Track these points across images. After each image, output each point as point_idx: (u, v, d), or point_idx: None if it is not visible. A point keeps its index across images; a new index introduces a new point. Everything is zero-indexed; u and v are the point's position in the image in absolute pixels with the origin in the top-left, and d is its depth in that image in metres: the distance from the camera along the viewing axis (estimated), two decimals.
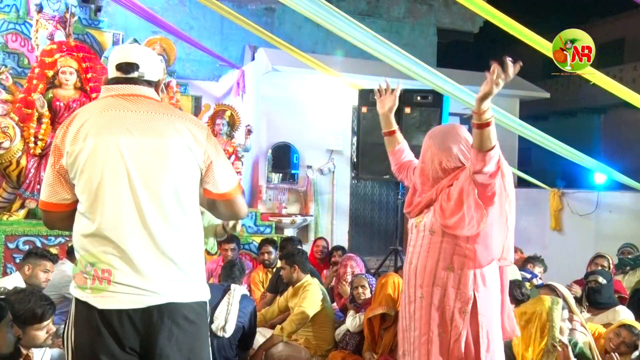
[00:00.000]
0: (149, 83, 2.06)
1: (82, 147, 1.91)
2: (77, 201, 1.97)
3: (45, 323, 2.86)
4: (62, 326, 3.03)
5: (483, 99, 2.22)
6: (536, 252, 5.91)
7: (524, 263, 5.42)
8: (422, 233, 2.62)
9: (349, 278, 4.66)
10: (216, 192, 2.06)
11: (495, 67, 2.20)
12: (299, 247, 5.58)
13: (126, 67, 2.02)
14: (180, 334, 1.93)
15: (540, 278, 5.20)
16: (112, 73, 2.05)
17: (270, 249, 5.39)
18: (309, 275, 4.44)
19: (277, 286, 4.89)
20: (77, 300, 1.94)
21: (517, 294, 3.89)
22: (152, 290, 1.90)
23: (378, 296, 3.91)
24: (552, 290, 3.77)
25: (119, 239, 1.90)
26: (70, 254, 4.78)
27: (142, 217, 1.91)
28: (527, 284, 4.27)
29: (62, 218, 2.02)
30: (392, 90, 3.00)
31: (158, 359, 1.91)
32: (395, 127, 3.07)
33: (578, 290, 4.47)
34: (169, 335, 1.91)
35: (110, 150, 1.91)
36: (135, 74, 2.02)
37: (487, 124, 2.24)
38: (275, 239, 5.83)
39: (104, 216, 1.90)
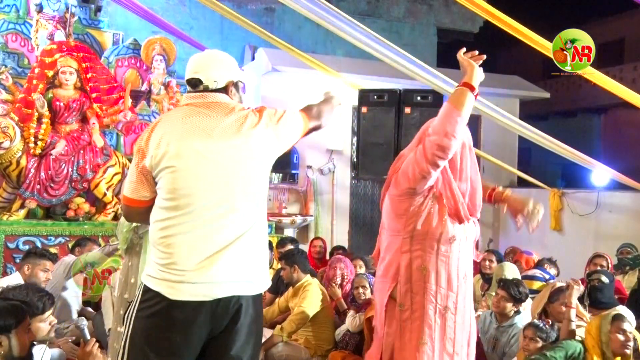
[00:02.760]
0: (218, 90, 2.22)
1: (165, 151, 2.10)
2: (154, 198, 2.17)
3: (46, 315, 2.90)
4: (62, 324, 3.03)
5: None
6: (536, 252, 5.92)
7: (539, 263, 5.41)
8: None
9: (339, 280, 4.67)
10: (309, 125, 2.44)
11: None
12: (294, 246, 5.60)
13: (192, 82, 2.23)
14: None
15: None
16: (188, 86, 2.27)
17: None
18: (309, 275, 4.45)
19: (277, 287, 4.89)
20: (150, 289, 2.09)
21: (515, 292, 3.90)
22: (232, 280, 2.08)
23: None
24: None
25: (203, 235, 2.07)
26: (72, 248, 4.82)
27: (225, 215, 2.09)
28: (540, 284, 4.26)
29: (140, 212, 2.24)
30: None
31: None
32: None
33: (581, 287, 4.47)
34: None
35: (192, 153, 2.09)
36: (201, 87, 2.22)
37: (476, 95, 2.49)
38: (271, 239, 5.83)
39: (188, 214, 2.08)
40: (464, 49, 2.54)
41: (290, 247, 5.52)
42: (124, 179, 5.16)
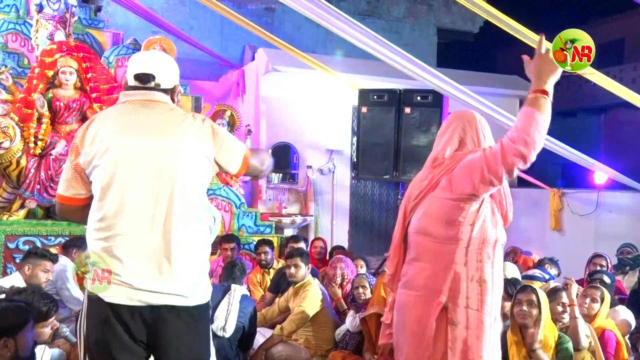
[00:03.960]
0: (164, 90, 2.19)
1: (98, 147, 2.06)
2: (91, 197, 2.11)
3: (50, 320, 2.92)
4: (62, 325, 3.04)
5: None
6: (536, 252, 5.91)
7: (539, 262, 5.40)
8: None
9: (339, 280, 4.67)
10: (234, 173, 2.26)
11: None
12: (306, 245, 5.63)
13: (143, 77, 2.15)
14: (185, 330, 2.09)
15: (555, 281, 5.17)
16: (131, 81, 2.17)
17: (267, 249, 5.39)
18: (310, 275, 4.46)
19: (279, 285, 4.89)
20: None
21: (511, 290, 3.90)
22: (159, 291, 2.03)
23: (373, 296, 3.92)
24: (601, 295, 3.78)
25: (128, 235, 2.03)
26: (65, 248, 4.78)
27: (152, 215, 2.04)
28: (540, 284, 4.26)
29: (74, 210, 2.19)
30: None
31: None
32: None
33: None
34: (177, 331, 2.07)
35: (124, 151, 2.05)
36: (152, 84, 2.16)
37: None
38: (272, 239, 5.83)
39: (119, 214, 2.04)
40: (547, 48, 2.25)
41: (302, 244, 5.53)
42: None
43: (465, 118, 2.57)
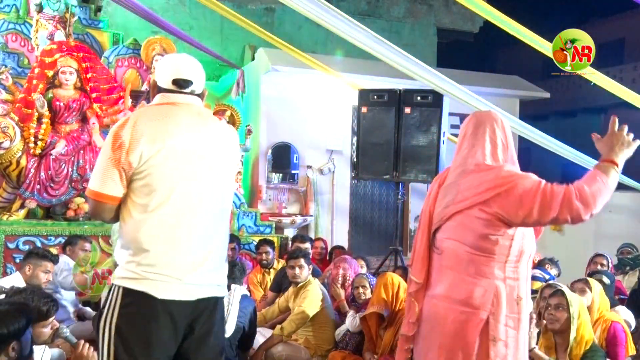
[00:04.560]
0: (198, 95, 2.31)
1: (153, 148, 2.09)
2: (125, 196, 2.13)
3: (50, 320, 2.91)
4: (61, 325, 3.04)
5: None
6: (536, 252, 5.89)
7: (539, 263, 5.40)
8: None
9: (340, 280, 4.67)
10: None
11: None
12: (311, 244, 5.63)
13: (182, 83, 2.23)
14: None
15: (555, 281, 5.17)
16: (167, 84, 2.24)
17: (268, 249, 5.39)
18: (310, 275, 4.46)
19: (281, 285, 4.88)
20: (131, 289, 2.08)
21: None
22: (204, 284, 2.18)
23: (373, 296, 3.92)
24: (586, 283, 3.81)
25: (183, 233, 2.13)
26: (65, 247, 4.78)
27: (199, 212, 2.17)
28: (540, 284, 4.26)
29: (111, 209, 2.15)
30: None
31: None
32: None
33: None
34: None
35: (182, 153, 2.14)
36: (188, 90, 2.25)
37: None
38: (273, 239, 5.83)
39: (167, 211, 2.12)
40: (625, 128, 2.32)
41: (308, 245, 5.54)
42: None
43: (492, 119, 2.49)
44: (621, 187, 7.23)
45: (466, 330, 2.28)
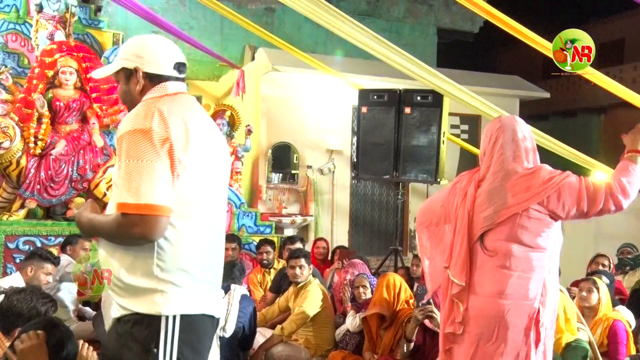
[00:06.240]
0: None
1: (195, 148, 1.83)
2: None
3: None
4: None
5: None
6: None
7: None
8: None
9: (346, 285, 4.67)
10: None
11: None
12: (303, 245, 5.61)
13: (182, 69, 1.99)
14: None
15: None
16: (169, 71, 1.94)
17: (269, 249, 5.39)
18: (311, 275, 4.46)
19: (280, 285, 4.88)
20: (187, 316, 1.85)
21: None
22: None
23: (374, 296, 3.92)
24: (593, 283, 3.87)
25: (210, 246, 1.96)
26: (65, 246, 4.77)
27: (221, 224, 2.05)
28: None
29: (165, 225, 1.76)
30: None
31: None
32: None
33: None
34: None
35: (212, 156, 1.94)
36: (184, 75, 2.03)
37: None
38: (273, 239, 5.83)
39: (202, 224, 1.90)
40: None
41: (299, 245, 5.52)
42: None
43: (518, 123, 2.63)
44: None
45: (523, 321, 2.47)
